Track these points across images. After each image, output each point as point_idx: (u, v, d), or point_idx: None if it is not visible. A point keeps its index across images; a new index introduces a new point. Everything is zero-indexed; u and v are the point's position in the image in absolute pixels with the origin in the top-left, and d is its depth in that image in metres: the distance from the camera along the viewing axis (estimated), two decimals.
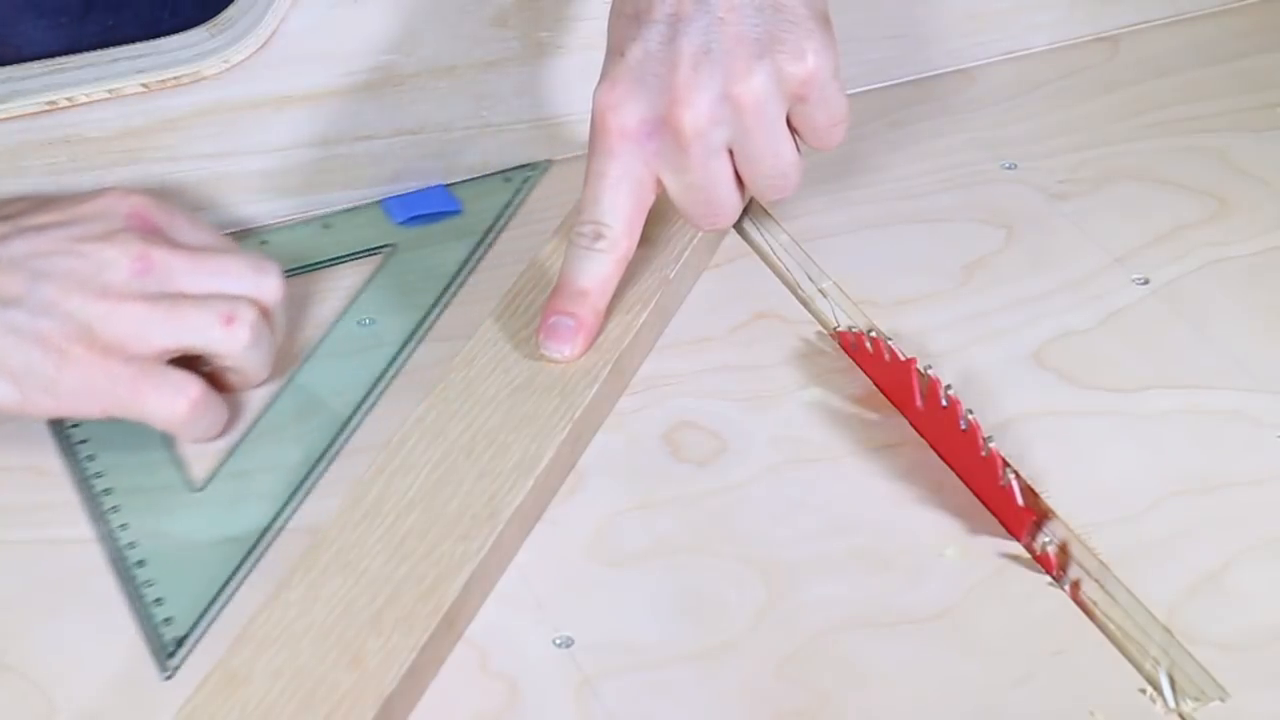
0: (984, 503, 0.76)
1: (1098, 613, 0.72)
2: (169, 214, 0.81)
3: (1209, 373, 0.83)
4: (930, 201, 0.93)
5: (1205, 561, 0.73)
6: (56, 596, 0.73)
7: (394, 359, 0.84)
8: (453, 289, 0.89)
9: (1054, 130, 0.98)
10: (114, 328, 0.76)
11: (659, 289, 0.84)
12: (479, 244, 0.91)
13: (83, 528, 0.76)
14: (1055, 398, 0.81)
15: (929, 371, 0.78)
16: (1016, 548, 0.74)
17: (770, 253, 0.90)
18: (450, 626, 0.70)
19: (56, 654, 0.71)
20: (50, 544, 0.75)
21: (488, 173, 0.95)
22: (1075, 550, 0.74)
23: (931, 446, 0.79)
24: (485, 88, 0.93)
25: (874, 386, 0.82)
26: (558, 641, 0.71)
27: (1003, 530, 0.75)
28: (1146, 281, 0.87)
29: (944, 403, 0.77)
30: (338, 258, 0.91)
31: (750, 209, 0.92)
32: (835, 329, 0.85)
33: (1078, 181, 0.94)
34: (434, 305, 0.88)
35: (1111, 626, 0.71)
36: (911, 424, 0.80)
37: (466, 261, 0.90)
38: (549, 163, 0.96)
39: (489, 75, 0.93)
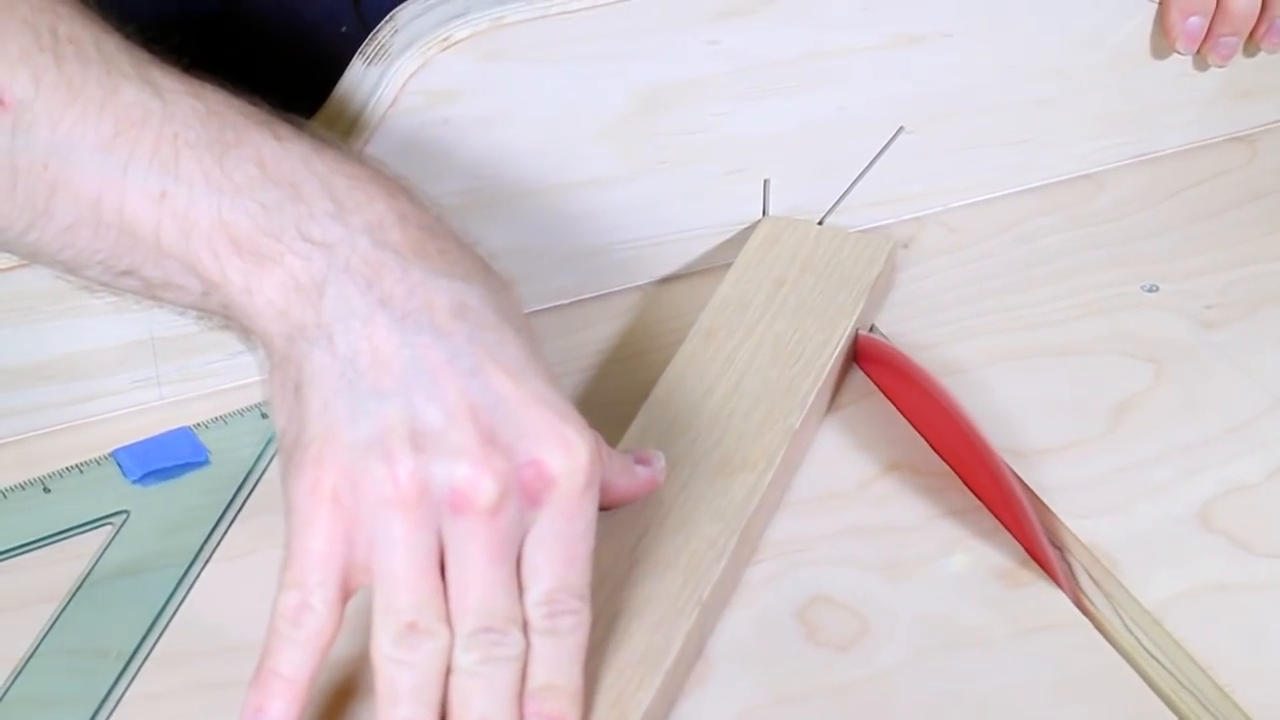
0: None
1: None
2: None
3: None
4: (1067, 330, 0.85)
5: None
6: None
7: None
8: (191, 576, 0.72)
9: (1195, 245, 0.90)
10: None
11: (784, 441, 0.76)
12: (230, 502, 0.75)
13: None
14: (1226, 566, 0.74)
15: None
16: None
17: None
18: None
19: None
20: None
21: (561, 302, 0.87)
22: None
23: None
24: (580, 206, 0.86)
25: (1024, 551, 0.74)
26: None
27: None
28: None
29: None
30: (46, 537, 0.72)
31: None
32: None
33: (1227, 306, 0.86)
34: (162, 610, 0.70)
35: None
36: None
37: (213, 532, 0.74)
38: None
39: (584, 194, 0.86)
